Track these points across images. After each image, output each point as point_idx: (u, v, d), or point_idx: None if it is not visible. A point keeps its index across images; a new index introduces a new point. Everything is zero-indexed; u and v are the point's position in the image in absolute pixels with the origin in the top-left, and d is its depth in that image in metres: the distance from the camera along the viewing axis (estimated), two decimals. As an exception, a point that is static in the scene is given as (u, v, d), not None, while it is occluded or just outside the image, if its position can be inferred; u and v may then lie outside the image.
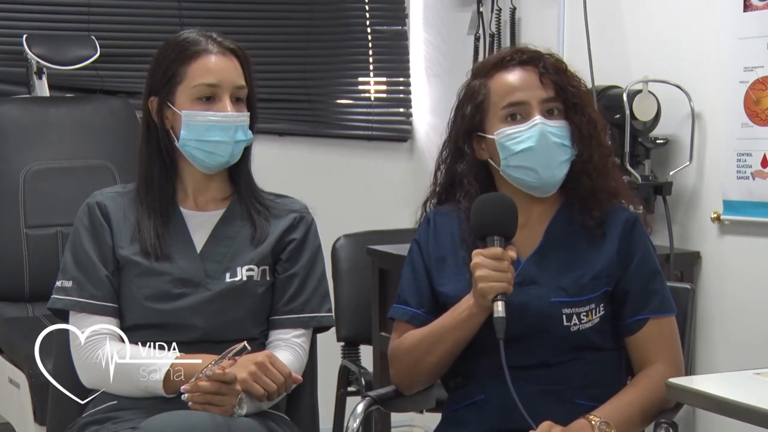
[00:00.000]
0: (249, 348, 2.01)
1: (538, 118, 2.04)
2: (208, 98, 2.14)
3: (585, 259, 2.06)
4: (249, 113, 2.19)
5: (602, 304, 2.05)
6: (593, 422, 1.95)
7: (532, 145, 2.04)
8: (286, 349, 2.17)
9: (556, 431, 1.92)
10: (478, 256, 1.97)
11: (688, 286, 2.24)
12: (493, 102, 2.09)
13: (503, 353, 1.94)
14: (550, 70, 2.08)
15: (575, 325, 2.03)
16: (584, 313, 2.04)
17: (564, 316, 2.03)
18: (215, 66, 2.15)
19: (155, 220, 2.17)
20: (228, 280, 2.16)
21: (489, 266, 1.96)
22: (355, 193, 4.40)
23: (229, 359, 2.00)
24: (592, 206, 2.09)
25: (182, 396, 1.99)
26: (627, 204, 2.14)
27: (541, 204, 2.12)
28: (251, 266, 2.18)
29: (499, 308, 1.95)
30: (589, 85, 3.15)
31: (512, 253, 1.98)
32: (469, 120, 2.11)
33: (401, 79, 4.52)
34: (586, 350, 2.05)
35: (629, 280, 2.06)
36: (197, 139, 2.14)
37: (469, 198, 2.09)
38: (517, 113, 2.06)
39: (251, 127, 2.20)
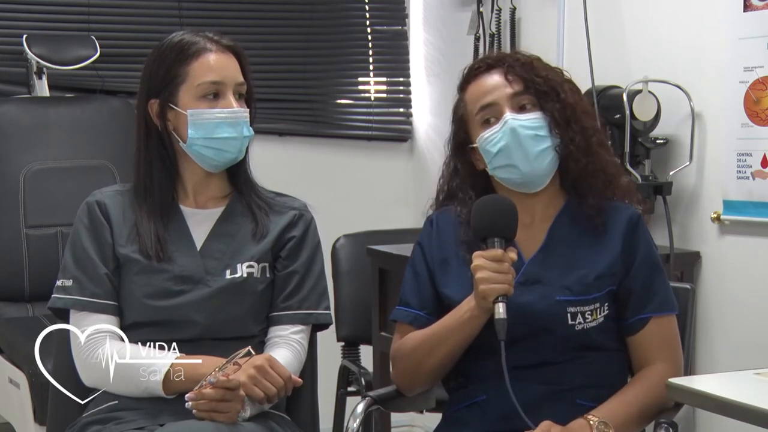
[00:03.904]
0: (254, 353, 2.01)
1: (507, 115, 2.06)
2: (213, 96, 2.15)
3: (589, 258, 2.06)
4: (249, 110, 2.20)
5: (606, 304, 2.05)
6: (591, 422, 1.95)
7: (505, 143, 2.06)
8: (285, 346, 2.18)
9: (555, 431, 1.92)
10: (478, 258, 1.98)
11: (688, 286, 2.24)
12: (470, 111, 2.12)
13: (504, 355, 1.94)
14: (516, 66, 2.09)
15: (580, 324, 2.03)
16: (589, 312, 2.04)
17: (569, 315, 2.03)
18: (216, 63, 2.15)
19: (155, 223, 2.17)
20: (228, 276, 2.16)
21: (489, 268, 1.96)
22: (355, 193, 4.40)
23: (233, 365, 2.00)
24: (586, 191, 2.10)
25: (186, 404, 1.99)
26: (620, 189, 2.13)
27: (544, 203, 2.12)
28: (251, 263, 2.18)
29: (500, 310, 1.95)
30: (589, 85, 3.16)
31: (513, 255, 1.98)
32: (455, 135, 2.16)
33: (401, 79, 4.52)
34: (590, 350, 2.05)
35: (633, 279, 2.06)
36: (206, 137, 2.14)
37: (464, 205, 2.11)
38: (490, 116, 2.09)
39: (250, 124, 2.20)
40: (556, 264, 2.07)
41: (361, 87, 4.49)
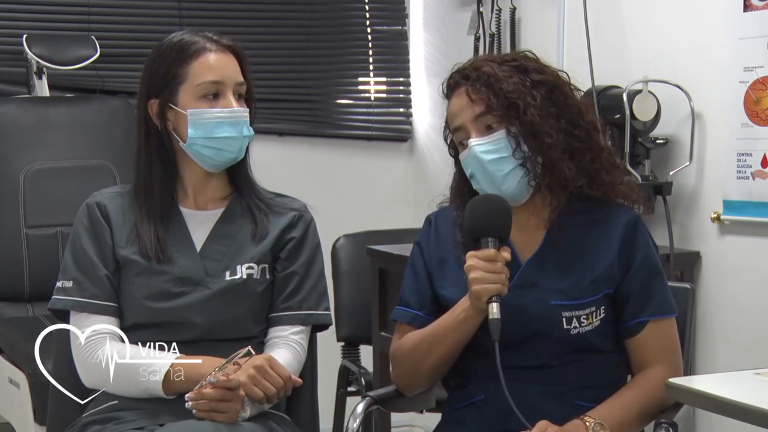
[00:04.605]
0: (254, 352, 2.01)
1: (471, 141, 2.05)
2: (212, 96, 2.15)
3: (586, 262, 2.06)
4: (249, 109, 2.20)
5: (603, 307, 2.05)
6: (588, 423, 1.95)
7: (472, 171, 2.06)
8: (284, 347, 2.18)
9: (551, 430, 1.92)
10: (471, 258, 1.97)
11: (688, 286, 2.24)
12: (450, 128, 2.13)
13: (498, 355, 1.94)
14: (479, 82, 2.06)
15: (575, 328, 2.03)
16: (584, 316, 2.03)
17: (564, 320, 2.02)
18: (216, 63, 2.15)
19: (155, 224, 2.17)
20: (228, 278, 2.16)
21: (483, 268, 1.96)
22: (355, 193, 4.40)
23: (233, 364, 2.00)
24: (550, 202, 2.09)
25: (186, 404, 1.99)
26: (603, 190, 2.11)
27: (539, 206, 2.11)
28: (251, 264, 2.18)
29: (494, 310, 1.95)
30: (589, 85, 3.16)
31: (506, 254, 1.98)
32: (450, 146, 2.16)
33: (401, 79, 4.52)
34: (587, 352, 2.05)
35: (630, 282, 2.05)
36: (206, 136, 2.14)
37: (460, 208, 2.12)
38: (462, 139, 2.08)
39: (250, 123, 2.20)
40: (552, 267, 2.06)
41: (361, 87, 4.49)
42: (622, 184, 2.12)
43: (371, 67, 4.48)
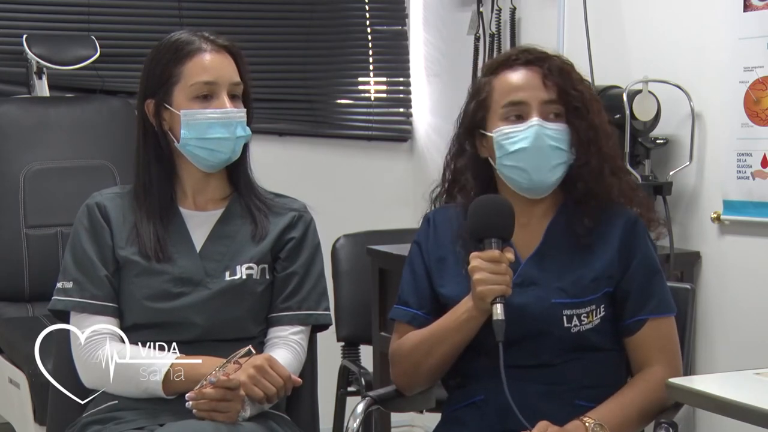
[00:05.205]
0: (254, 351, 2.02)
1: (535, 119, 2.03)
2: (206, 96, 2.14)
3: (585, 260, 2.06)
4: (245, 110, 2.19)
5: (603, 305, 2.05)
6: (587, 424, 1.95)
7: (526, 146, 2.03)
8: (284, 347, 2.18)
9: (551, 431, 1.92)
10: (475, 260, 1.97)
11: (688, 286, 2.24)
12: (495, 100, 2.08)
13: (502, 356, 1.94)
14: (555, 72, 2.06)
15: (576, 326, 2.03)
16: (584, 314, 2.03)
17: (564, 318, 2.03)
18: (211, 64, 2.15)
19: (154, 223, 2.17)
20: (227, 278, 2.16)
21: (487, 269, 1.96)
22: (355, 193, 4.40)
23: (233, 363, 2.00)
24: (584, 212, 2.08)
25: (187, 404, 1.99)
26: (633, 208, 2.12)
27: (542, 204, 2.11)
28: (251, 264, 2.18)
29: (498, 311, 1.95)
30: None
31: (510, 255, 1.98)
32: (472, 116, 2.12)
33: (401, 79, 4.52)
34: (587, 350, 2.05)
35: (629, 280, 2.06)
36: (198, 137, 2.14)
37: (466, 195, 2.11)
38: (516, 113, 2.05)
39: (248, 123, 2.20)
40: (553, 265, 2.07)
41: (361, 87, 4.49)
42: (643, 200, 2.14)
43: (371, 67, 4.48)
